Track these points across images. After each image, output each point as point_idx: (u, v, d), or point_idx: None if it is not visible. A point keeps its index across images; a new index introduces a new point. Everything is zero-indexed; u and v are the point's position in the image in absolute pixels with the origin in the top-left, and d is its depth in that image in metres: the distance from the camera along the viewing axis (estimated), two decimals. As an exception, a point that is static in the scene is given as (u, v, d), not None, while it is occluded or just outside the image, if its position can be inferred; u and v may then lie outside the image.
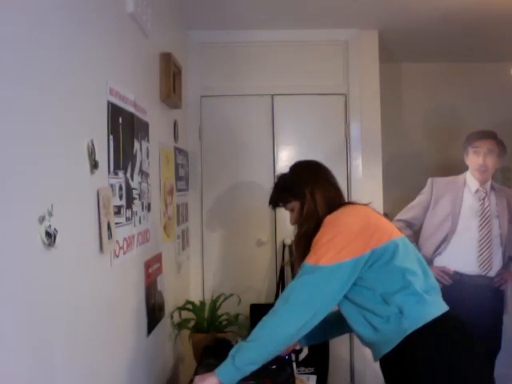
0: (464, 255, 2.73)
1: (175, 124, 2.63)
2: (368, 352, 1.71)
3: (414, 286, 1.54)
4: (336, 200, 1.73)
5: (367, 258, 1.54)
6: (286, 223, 3.13)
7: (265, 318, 1.57)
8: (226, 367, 1.54)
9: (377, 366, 1.68)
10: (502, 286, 2.78)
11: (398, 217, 2.95)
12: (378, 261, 1.55)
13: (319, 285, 1.53)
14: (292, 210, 1.80)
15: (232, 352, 1.55)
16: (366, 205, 1.74)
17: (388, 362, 1.58)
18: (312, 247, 1.60)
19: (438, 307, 1.58)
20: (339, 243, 1.54)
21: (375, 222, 1.62)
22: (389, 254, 1.55)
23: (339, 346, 3.11)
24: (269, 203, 1.87)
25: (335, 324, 1.84)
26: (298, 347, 1.98)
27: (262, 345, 1.54)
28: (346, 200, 1.82)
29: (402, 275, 1.55)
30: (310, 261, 1.57)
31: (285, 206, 1.82)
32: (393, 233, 1.62)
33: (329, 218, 1.63)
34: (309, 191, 1.72)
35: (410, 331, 1.50)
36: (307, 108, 3.22)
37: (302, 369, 2.75)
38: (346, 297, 1.60)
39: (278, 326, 1.54)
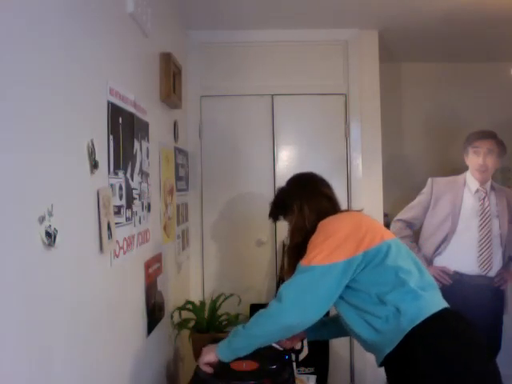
0: (464, 255, 2.73)
1: (175, 124, 2.63)
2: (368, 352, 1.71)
3: (409, 283, 1.56)
4: (329, 210, 1.78)
5: (360, 260, 1.57)
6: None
7: (260, 312, 1.65)
8: (223, 347, 1.67)
9: (377, 365, 1.67)
10: (502, 286, 2.78)
11: (398, 217, 2.95)
12: (371, 262, 1.58)
13: (310, 284, 1.56)
14: (289, 223, 1.88)
15: (230, 334, 1.67)
16: (359, 211, 1.82)
17: (390, 363, 1.58)
18: (307, 249, 1.65)
19: (435, 303, 1.59)
20: (331, 244, 1.59)
21: (367, 225, 1.67)
22: (381, 255, 1.59)
23: (339, 346, 3.11)
24: (269, 217, 1.96)
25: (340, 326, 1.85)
26: (297, 347, 1.98)
27: (253, 337, 1.63)
28: (344, 208, 1.89)
29: (395, 274, 1.57)
30: (303, 262, 1.61)
31: (283, 219, 1.92)
32: (385, 234, 1.67)
33: (322, 223, 1.70)
34: (297, 205, 1.80)
35: (408, 329, 1.51)
36: (307, 108, 3.21)
37: (302, 369, 2.75)
38: (344, 300, 1.63)
39: (268, 322, 1.60)
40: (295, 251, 1.75)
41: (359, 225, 1.65)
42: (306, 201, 1.80)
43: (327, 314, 1.68)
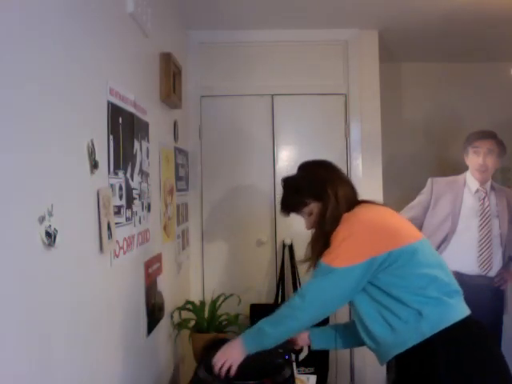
0: (464, 255, 2.72)
1: (175, 124, 2.63)
2: (368, 352, 1.70)
3: (433, 290, 1.53)
4: (354, 199, 1.72)
5: (384, 259, 1.53)
6: (285, 223, 3.13)
7: (282, 310, 1.64)
8: (249, 343, 1.67)
9: (377, 365, 1.67)
10: (502, 286, 2.78)
11: (398, 217, 2.95)
12: (394, 263, 1.53)
13: (333, 287, 1.56)
14: (309, 214, 1.74)
15: (254, 330, 1.67)
16: (384, 205, 1.74)
17: (401, 364, 1.56)
18: (331, 242, 1.59)
19: (459, 310, 1.56)
20: (354, 244, 1.54)
21: (393, 223, 1.62)
22: (406, 257, 1.53)
23: (339, 346, 3.11)
24: (282, 209, 1.79)
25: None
26: (297, 347, 1.97)
27: (276, 335, 1.64)
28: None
29: (419, 279, 1.53)
30: (326, 260, 1.58)
31: (301, 210, 1.75)
32: (412, 236, 1.61)
33: (346, 216, 1.61)
34: (331, 190, 1.67)
35: (428, 335, 1.48)
36: (307, 108, 3.21)
37: (302, 369, 2.75)
38: (365, 292, 1.59)
39: (291, 321, 1.61)
40: (326, 239, 1.62)
41: (385, 223, 1.59)
42: (339, 186, 1.68)
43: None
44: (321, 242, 1.67)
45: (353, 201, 1.70)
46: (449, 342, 1.48)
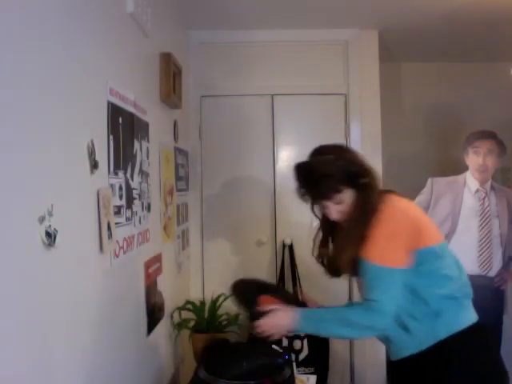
0: (464, 255, 2.68)
1: (175, 124, 2.63)
2: (368, 352, 1.71)
3: (452, 291, 1.52)
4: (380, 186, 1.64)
5: (417, 256, 1.50)
6: (286, 223, 3.13)
7: (356, 316, 1.52)
8: (306, 323, 1.58)
9: (377, 365, 1.67)
10: (502, 286, 2.78)
11: (398, 217, 2.95)
12: (423, 262, 1.50)
13: (397, 287, 1.49)
14: (338, 202, 1.56)
15: (319, 315, 1.59)
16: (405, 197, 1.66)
17: (409, 364, 1.56)
18: (372, 239, 1.48)
19: (471, 314, 1.57)
20: (400, 240, 1.47)
21: (426, 221, 1.58)
22: (432, 257, 1.51)
23: (339, 346, 3.11)
24: (313, 198, 1.61)
25: None
26: (297, 347, 1.98)
27: (337, 334, 1.61)
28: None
29: (441, 280, 1.52)
30: (380, 262, 1.47)
31: (332, 197, 1.55)
32: (439, 236, 1.59)
33: (383, 209, 1.49)
34: (369, 177, 1.55)
35: (443, 337, 1.48)
36: (307, 108, 3.21)
37: (301, 369, 2.75)
38: None
39: (368, 331, 1.57)
40: (363, 230, 1.49)
41: (421, 219, 1.55)
42: (373, 173, 1.57)
43: None
44: (358, 233, 1.50)
45: (380, 190, 1.61)
46: (462, 345, 1.49)
